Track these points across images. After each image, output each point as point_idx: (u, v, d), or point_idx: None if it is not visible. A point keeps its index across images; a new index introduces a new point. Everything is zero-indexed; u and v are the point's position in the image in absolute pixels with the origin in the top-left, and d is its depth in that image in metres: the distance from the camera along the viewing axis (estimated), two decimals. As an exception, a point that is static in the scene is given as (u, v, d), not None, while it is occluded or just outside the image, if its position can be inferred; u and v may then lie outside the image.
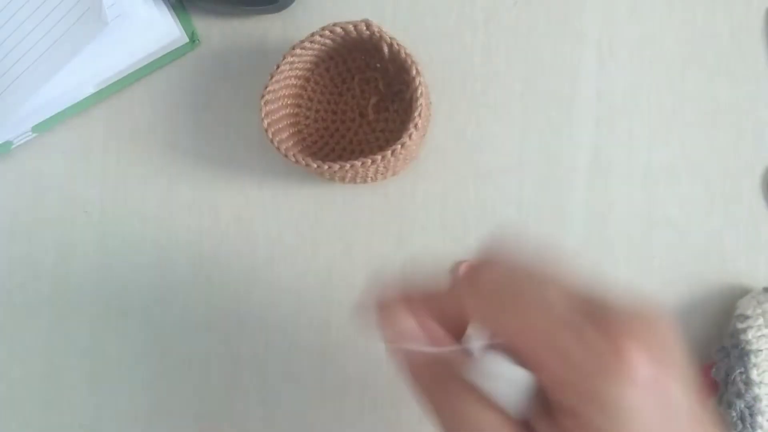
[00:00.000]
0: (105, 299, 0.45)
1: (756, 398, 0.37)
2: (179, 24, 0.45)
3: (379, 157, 0.38)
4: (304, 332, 0.44)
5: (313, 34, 0.39)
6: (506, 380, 0.24)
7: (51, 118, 0.45)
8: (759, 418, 0.37)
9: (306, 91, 0.44)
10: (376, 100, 0.43)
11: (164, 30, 0.44)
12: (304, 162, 0.39)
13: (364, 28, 0.39)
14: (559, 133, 0.43)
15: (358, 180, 0.42)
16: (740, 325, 0.38)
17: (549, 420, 0.23)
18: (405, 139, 0.38)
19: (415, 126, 0.38)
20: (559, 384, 0.23)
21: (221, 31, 0.45)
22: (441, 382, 0.25)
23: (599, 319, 0.23)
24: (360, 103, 0.44)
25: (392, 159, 0.38)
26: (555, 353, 0.22)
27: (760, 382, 0.37)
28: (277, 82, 0.40)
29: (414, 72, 0.38)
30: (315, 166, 0.38)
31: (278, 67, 0.40)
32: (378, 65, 0.43)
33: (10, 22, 0.43)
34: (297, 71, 0.42)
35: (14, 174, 0.46)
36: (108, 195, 0.45)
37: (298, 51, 0.40)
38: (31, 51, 0.43)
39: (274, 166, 0.44)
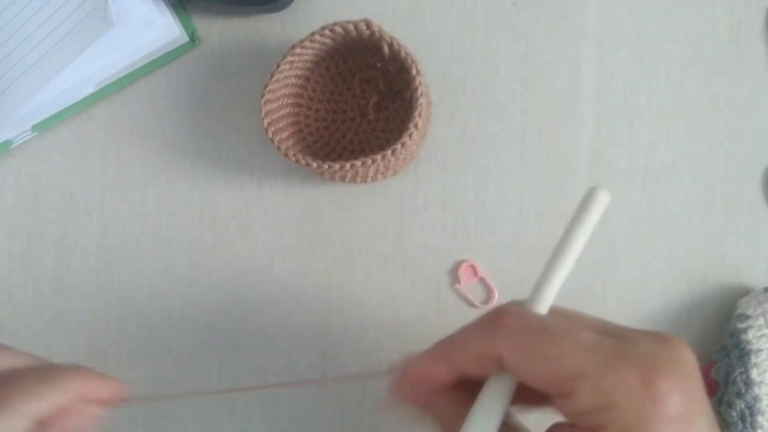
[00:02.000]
0: (105, 299, 0.45)
1: (756, 398, 0.37)
2: (179, 23, 0.45)
3: (379, 156, 0.38)
4: (304, 332, 0.44)
5: (313, 34, 0.39)
6: None
7: (51, 117, 0.45)
8: (759, 418, 0.37)
9: (306, 90, 0.44)
10: (376, 100, 0.43)
11: (164, 29, 0.44)
12: (304, 162, 0.39)
13: (365, 27, 0.39)
14: (559, 133, 0.43)
15: (358, 180, 0.42)
16: (741, 325, 0.38)
17: None
18: (405, 138, 0.38)
19: (416, 126, 0.38)
20: (586, 414, 0.23)
21: (221, 31, 0.45)
22: None
23: (627, 351, 0.23)
24: (360, 102, 0.44)
25: (392, 159, 0.38)
26: (588, 385, 0.23)
27: (761, 382, 0.37)
28: (277, 81, 0.40)
29: (414, 71, 0.38)
30: (315, 165, 0.38)
31: (278, 66, 0.40)
32: (378, 65, 0.43)
33: (14, 21, 0.43)
34: (297, 71, 0.42)
35: (14, 174, 0.46)
36: (108, 195, 0.45)
37: (298, 50, 0.40)
38: (34, 50, 0.43)
39: (274, 165, 0.44)
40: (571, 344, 0.24)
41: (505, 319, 0.26)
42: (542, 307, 0.27)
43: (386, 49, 0.39)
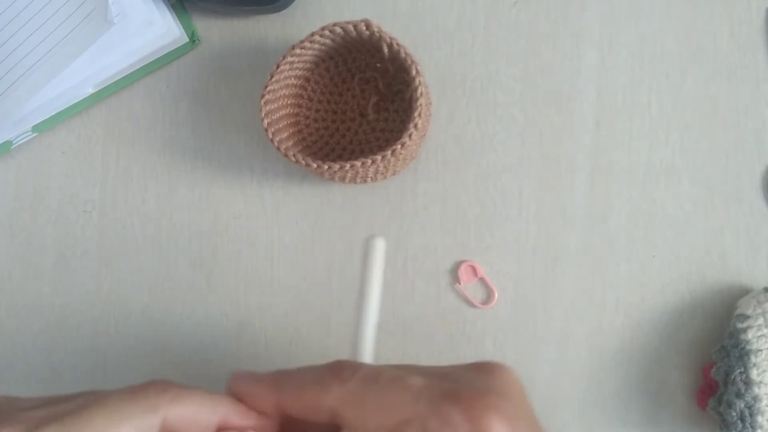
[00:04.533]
0: (105, 299, 0.45)
1: (756, 398, 0.37)
2: (179, 24, 0.45)
3: (379, 157, 0.38)
4: (304, 331, 0.44)
5: (313, 34, 0.39)
6: None
7: (51, 117, 0.45)
8: (759, 418, 0.37)
9: (306, 90, 0.44)
10: (376, 100, 0.43)
11: (164, 30, 0.44)
12: (304, 162, 0.39)
13: (364, 27, 0.39)
14: (559, 133, 0.43)
15: (358, 180, 0.42)
16: (740, 325, 0.38)
17: None
18: (405, 139, 0.38)
19: (415, 126, 0.38)
20: None
21: (221, 31, 0.45)
22: None
23: (452, 390, 0.24)
24: (360, 103, 0.44)
25: (392, 159, 0.38)
26: (416, 428, 0.24)
27: (760, 382, 0.37)
28: (277, 81, 0.40)
29: (414, 72, 0.38)
30: (315, 166, 0.38)
31: (278, 66, 0.40)
32: (378, 65, 0.43)
33: (15, 22, 0.43)
34: (297, 71, 0.42)
35: (14, 174, 0.46)
36: (108, 195, 0.45)
37: (298, 51, 0.40)
38: (34, 51, 0.43)
39: (274, 166, 0.44)
40: (401, 391, 0.25)
41: (343, 373, 0.26)
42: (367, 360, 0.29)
43: (386, 50, 0.39)
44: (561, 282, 0.43)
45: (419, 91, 0.38)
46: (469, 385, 0.25)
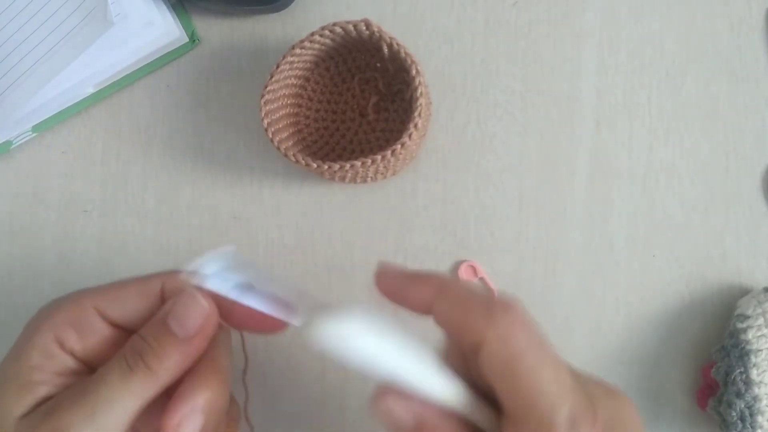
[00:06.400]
0: (105, 299, 0.45)
1: (756, 398, 0.37)
2: (179, 24, 0.45)
3: (379, 157, 0.38)
4: (304, 332, 0.44)
5: (313, 34, 0.39)
6: None
7: (51, 117, 0.45)
8: (759, 418, 0.37)
9: (306, 90, 0.44)
10: (376, 100, 0.43)
11: (164, 30, 0.44)
12: (304, 162, 0.39)
13: (364, 27, 0.39)
14: (559, 133, 0.43)
15: (358, 180, 0.42)
16: (740, 325, 0.38)
17: None
18: (405, 139, 0.38)
19: (415, 126, 0.38)
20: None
21: (221, 31, 0.45)
22: None
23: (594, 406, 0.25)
24: (360, 102, 0.44)
25: (392, 159, 0.38)
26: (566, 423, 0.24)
27: (760, 382, 0.37)
28: (277, 81, 0.40)
29: (414, 72, 0.38)
30: (315, 166, 0.38)
31: (278, 66, 0.40)
32: (378, 65, 0.43)
33: (14, 22, 0.43)
34: (297, 71, 0.42)
35: (14, 174, 0.46)
36: (108, 195, 0.45)
37: (298, 51, 0.40)
38: (34, 51, 0.43)
39: (274, 166, 0.44)
40: (560, 376, 0.24)
41: (516, 311, 0.25)
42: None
43: (386, 50, 0.39)
44: (561, 282, 0.43)
45: (419, 91, 0.38)
46: (606, 408, 0.25)
